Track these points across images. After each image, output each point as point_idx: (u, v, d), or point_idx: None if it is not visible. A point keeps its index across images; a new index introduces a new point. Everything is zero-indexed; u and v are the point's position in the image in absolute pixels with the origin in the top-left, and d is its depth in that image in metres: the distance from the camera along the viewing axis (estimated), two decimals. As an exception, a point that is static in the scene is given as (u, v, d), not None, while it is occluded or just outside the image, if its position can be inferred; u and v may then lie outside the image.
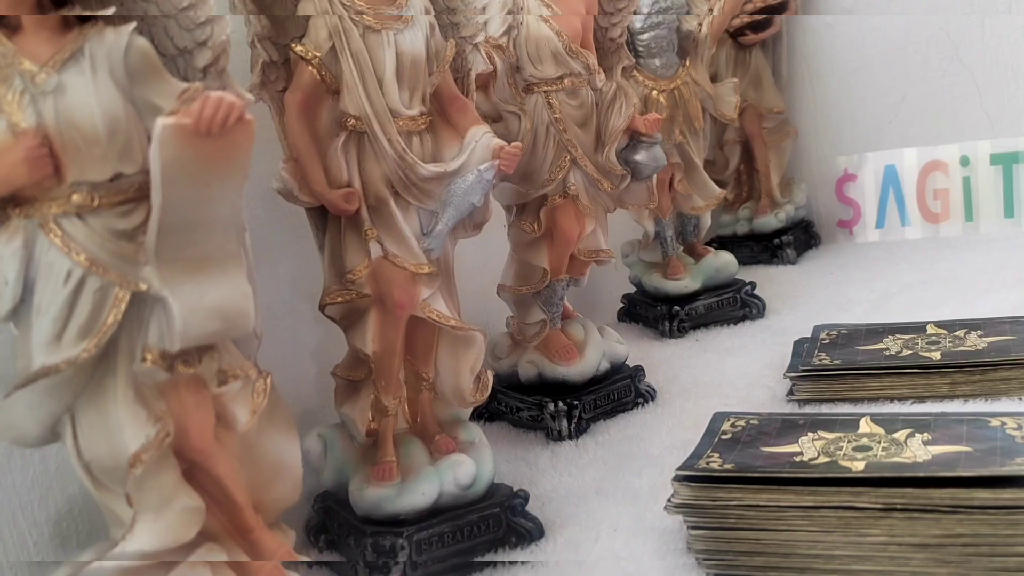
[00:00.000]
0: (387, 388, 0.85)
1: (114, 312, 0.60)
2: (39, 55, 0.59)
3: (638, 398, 1.17)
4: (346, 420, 0.87)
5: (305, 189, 0.80)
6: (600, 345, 1.16)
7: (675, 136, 1.41)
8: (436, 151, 0.84)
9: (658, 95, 1.38)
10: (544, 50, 1.05)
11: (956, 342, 1.10)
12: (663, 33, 1.37)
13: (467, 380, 0.90)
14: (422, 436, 0.89)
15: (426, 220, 0.84)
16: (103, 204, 0.60)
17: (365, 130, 0.79)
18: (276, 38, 0.79)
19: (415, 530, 0.81)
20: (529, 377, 1.14)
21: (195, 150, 0.59)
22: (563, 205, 1.10)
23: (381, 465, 0.84)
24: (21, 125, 0.58)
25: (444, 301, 0.86)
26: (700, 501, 0.76)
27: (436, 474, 0.84)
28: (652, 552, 0.81)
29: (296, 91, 0.79)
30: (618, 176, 1.14)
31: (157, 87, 0.61)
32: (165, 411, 0.64)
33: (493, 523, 0.85)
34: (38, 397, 0.61)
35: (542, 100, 1.07)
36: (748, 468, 0.78)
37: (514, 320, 1.17)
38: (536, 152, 1.08)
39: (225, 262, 0.64)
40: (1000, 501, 0.68)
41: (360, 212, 0.81)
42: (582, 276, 1.18)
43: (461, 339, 0.89)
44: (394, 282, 0.82)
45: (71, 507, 0.80)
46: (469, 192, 0.83)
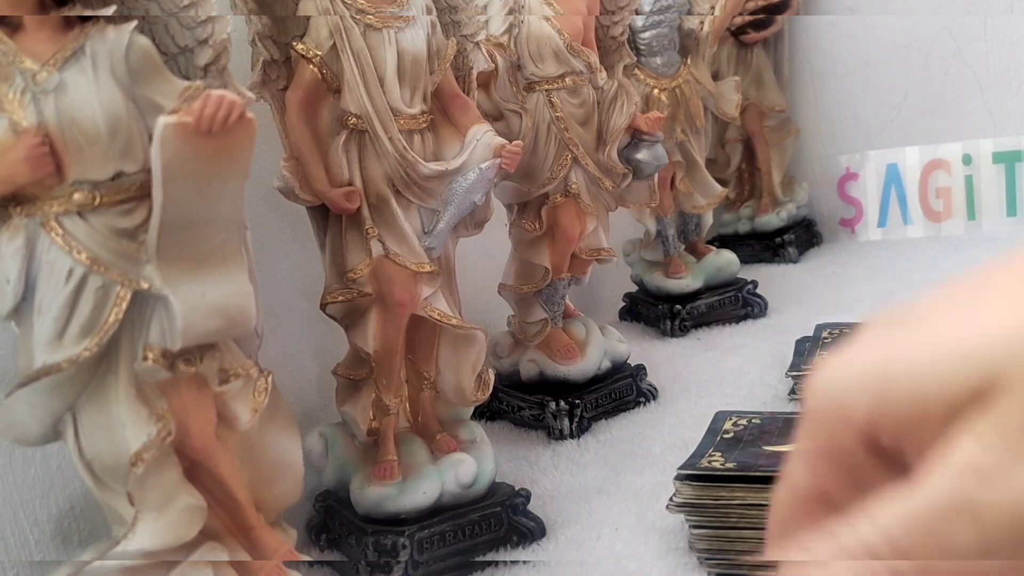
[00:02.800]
0: (388, 387, 0.85)
1: (115, 311, 0.60)
2: (40, 54, 0.59)
3: (640, 397, 1.17)
4: (347, 419, 0.87)
5: (306, 188, 0.80)
6: (601, 344, 1.16)
7: (677, 135, 1.41)
8: (437, 149, 0.84)
9: (660, 93, 1.38)
10: (545, 48, 1.05)
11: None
12: (665, 31, 1.37)
13: (468, 379, 0.90)
14: (423, 435, 0.89)
15: (427, 219, 0.84)
16: (104, 203, 0.60)
17: (366, 128, 0.79)
18: (277, 36, 0.79)
19: (416, 529, 0.81)
20: (530, 376, 1.14)
21: (196, 148, 0.58)
22: (564, 204, 1.10)
23: (382, 464, 0.84)
24: (22, 124, 0.58)
25: (445, 300, 0.86)
26: (702, 500, 0.76)
27: (437, 473, 0.84)
28: (654, 551, 0.81)
29: (297, 89, 0.79)
30: (619, 175, 1.13)
31: (158, 85, 0.61)
32: (166, 410, 0.64)
33: (494, 522, 0.85)
34: (40, 396, 0.61)
35: (543, 99, 1.07)
36: (750, 467, 0.78)
37: (515, 319, 1.17)
38: (537, 151, 1.08)
39: (226, 261, 0.64)
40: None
41: (361, 211, 0.81)
42: (583, 275, 1.18)
43: (462, 338, 0.88)
44: (395, 281, 0.82)
45: (73, 506, 0.80)
46: (470, 191, 0.83)
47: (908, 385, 0.21)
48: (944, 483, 0.20)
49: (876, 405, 0.21)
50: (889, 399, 0.21)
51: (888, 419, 0.21)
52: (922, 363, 0.21)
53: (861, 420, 0.22)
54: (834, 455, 0.22)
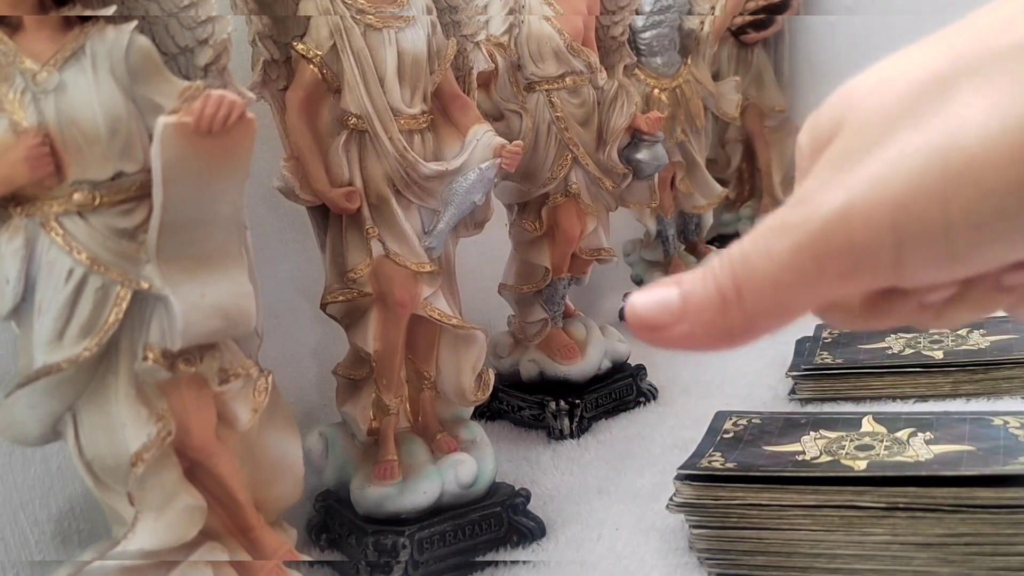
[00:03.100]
0: (388, 387, 0.85)
1: (115, 311, 0.60)
2: (40, 54, 0.59)
3: (640, 397, 1.17)
4: (347, 419, 0.87)
5: (306, 187, 0.80)
6: (602, 344, 1.16)
7: (677, 134, 1.41)
8: (437, 149, 0.84)
9: (660, 93, 1.38)
10: (546, 48, 1.05)
11: (959, 341, 1.10)
12: (665, 31, 1.37)
13: (469, 379, 0.89)
14: (423, 435, 0.89)
15: (428, 219, 0.84)
16: (104, 203, 0.60)
17: (366, 128, 0.79)
18: (277, 36, 0.79)
19: (416, 529, 0.81)
20: (531, 376, 1.14)
21: (196, 148, 0.58)
22: (565, 204, 1.10)
23: (382, 464, 0.84)
24: (22, 124, 0.58)
25: (445, 300, 0.86)
26: (702, 500, 0.76)
27: (438, 473, 0.84)
28: (654, 551, 0.81)
29: (297, 89, 0.79)
30: (620, 175, 1.13)
31: (158, 85, 0.61)
32: (166, 410, 0.64)
33: (495, 522, 0.85)
34: (39, 396, 0.61)
35: (544, 99, 1.07)
36: (750, 467, 0.77)
37: (515, 319, 1.17)
38: (537, 151, 1.08)
39: (226, 261, 0.64)
40: (1003, 500, 0.67)
41: (361, 211, 0.81)
42: (584, 275, 1.18)
43: (463, 338, 0.88)
44: (395, 281, 0.82)
45: (72, 506, 0.80)
46: (471, 191, 0.83)
47: (824, 112, 0.26)
48: (781, 209, 0.25)
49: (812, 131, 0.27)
50: (817, 133, 0.26)
51: (804, 148, 0.27)
52: (832, 101, 0.26)
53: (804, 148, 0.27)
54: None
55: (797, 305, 0.24)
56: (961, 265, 0.23)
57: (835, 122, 0.25)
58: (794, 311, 0.24)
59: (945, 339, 1.11)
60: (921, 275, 0.23)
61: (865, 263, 0.23)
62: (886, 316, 0.27)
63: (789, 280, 0.24)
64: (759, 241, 0.24)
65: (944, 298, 0.26)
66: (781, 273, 0.24)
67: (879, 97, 0.24)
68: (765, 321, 0.25)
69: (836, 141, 0.25)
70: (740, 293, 0.24)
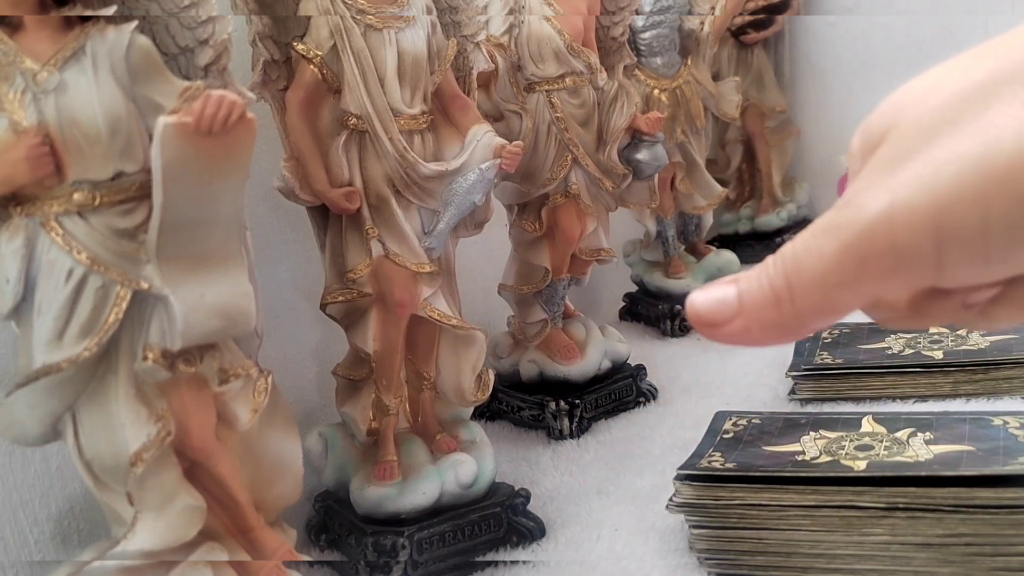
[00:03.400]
0: (388, 387, 0.85)
1: (115, 311, 0.60)
2: (41, 54, 0.59)
3: (640, 397, 1.17)
4: (347, 419, 0.87)
5: (306, 188, 0.80)
6: (601, 344, 1.16)
7: (677, 135, 1.40)
8: (437, 150, 0.84)
9: (660, 94, 1.38)
10: (546, 49, 1.05)
11: (958, 341, 1.10)
12: (665, 32, 1.37)
13: (468, 379, 0.89)
14: (423, 435, 0.89)
15: (427, 219, 0.84)
16: (104, 203, 0.60)
17: (366, 129, 0.79)
18: (277, 37, 0.79)
19: (416, 529, 0.81)
20: (530, 376, 1.14)
21: (196, 149, 0.58)
22: (564, 204, 1.10)
23: (382, 464, 0.84)
24: (23, 124, 0.58)
25: (445, 300, 0.86)
26: (702, 500, 0.76)
27: (437, 473, 0.84)
28: (654, 551, 0.81)
29: (297, 90, 0.79)
30: (620, 175, 1.13)
31: (158, 85, 0.61)
32: (166, 410, 0.64)
33: (494, 522, 0.85)
34: (39, 396, 0.61)
35: (544, 99, 1.07)
36: (750, 467, 0.78)
37: (515, 319, 1.17)
38: (537, 151, 1.08)
39: (226, 261, 0.64)
40: (1002, 500, 0.67)
41: (361, 211, 0.81)
42: (583, 275, 1.18)
43: (462, 338, 0.88)
44: (395, 281, 0.82)
45: (72, 506, 0.80)
46: (471, 191, 0.83)
47: (874, 119, 0.28)
48: (830, 211, 0.26)
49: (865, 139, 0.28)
50: (866, 139, 0.28)
51: (855, 152, 0.28)
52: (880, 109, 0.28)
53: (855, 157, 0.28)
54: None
55: (844, 303, 0.26)
56: (999, 266, 0.24)
57: (883, 128, 0.26)
58: (841, 309, 0.26)
59: (945, 339, 1.11)
60: (960, 276, 0.24)
61: (906, 263, 0.24)
62: (931, 315, 0.28)
63: (836, 279, 0.25)
64: (809, 241, 0.26)
65: (987, 298, 0.27)
66: (828, 272, 0.25)
67: (923, 105, 0.25)
68: (815, 318, 0.26)
69: (883, 146, 0.26)
70: (791, 291, 0.26)
